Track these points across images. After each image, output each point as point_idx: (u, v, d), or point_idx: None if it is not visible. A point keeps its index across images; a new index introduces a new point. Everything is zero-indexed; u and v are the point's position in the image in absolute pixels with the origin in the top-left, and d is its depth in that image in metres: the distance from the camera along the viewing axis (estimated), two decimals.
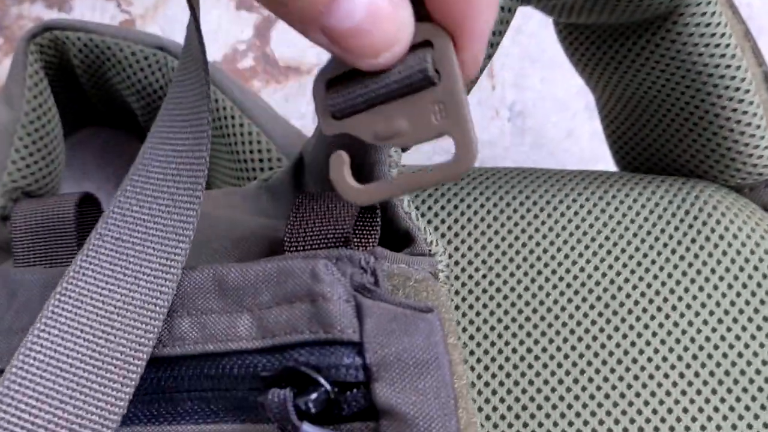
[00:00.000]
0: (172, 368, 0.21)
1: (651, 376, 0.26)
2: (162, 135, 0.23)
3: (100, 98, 0.37)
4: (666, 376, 0.26)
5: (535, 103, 0.43)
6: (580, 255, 0.28)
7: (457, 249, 0.28)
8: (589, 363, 0.26)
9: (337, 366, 0.19)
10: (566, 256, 0.28)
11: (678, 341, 0.27)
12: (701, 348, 0.26)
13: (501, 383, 0.26)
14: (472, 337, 0.27)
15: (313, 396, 0.18)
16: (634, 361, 0.26)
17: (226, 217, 0.26)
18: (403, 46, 0.18)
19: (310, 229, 0.23)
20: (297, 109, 0.42)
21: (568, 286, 0.28)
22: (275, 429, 0.20)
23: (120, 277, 0.21)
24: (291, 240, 0.23)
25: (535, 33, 0.45)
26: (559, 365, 0.26)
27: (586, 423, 0.25)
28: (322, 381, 0.18)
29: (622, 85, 0.31)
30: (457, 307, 0.28)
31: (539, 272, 0.28)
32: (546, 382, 0.26)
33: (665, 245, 0.28)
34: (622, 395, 0.26)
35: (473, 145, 0.18)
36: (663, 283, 0.28)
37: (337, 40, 0.18)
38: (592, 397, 0.26)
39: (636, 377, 0.26)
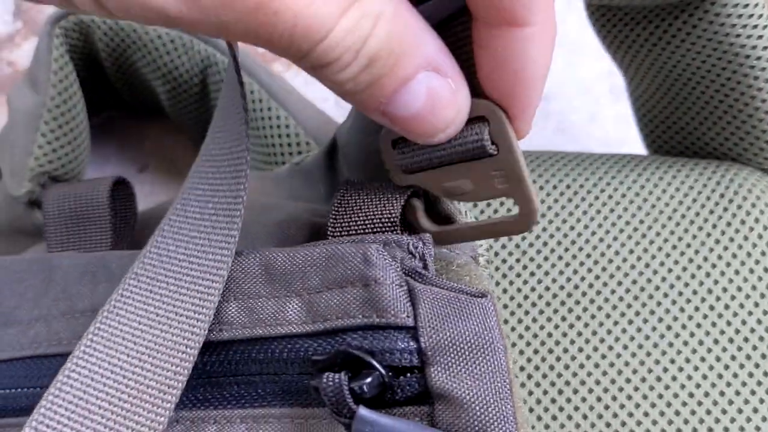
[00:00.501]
0: (219, 353, 0.21)
1: (687, 360, 0.26)
2: (201, 174, 0.23)
3: (125, 82, 0.37)
4: (702, 359, 0.26)
5: (559, 86, 0.43)
6: (615, 239, 0.28)
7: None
8: (625, 347, 0.26)
9: (391, 350, 0.19)
10: (601, 240, 0.28)
11: (714, 324, 0.27)
12: (737, 332, 0.26)
13: (536, 367, 0.26)
14: (506, 321, 0.27)
15: (368, 380, 0.18)
16: (670, 345, 0.26)
17: (260, 202, 0.26)
18: (459, 126, 0.20)
19: (355, 215, 0.22)
20: (319, 93, 0.41)
21: (603, 269, 0.28)
22: (325, 413, 0.20)
23: (153, 317, 0.21)
24: (335, 225, 0.22)
25: (559, 16, 0.44)
26: (595, 348, 0.26)
27: (614, 398, 0.25)
28: (377, 365, 0.18)
29: (655, 67, 0.31)
30: (496, 283, 0.28)
31: (574, 256, 0.28)
32: (582, 365, 0.26)
33: (700, 228, 0.28)
34: (659, 378, 0.26)
35: (536, 210, 0.20)
36: (698, 267, 0.28)
37: (397, 123, 0.19)
38: (628, 380, 0.26)
39: (672, 361, 0.26)
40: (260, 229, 0.25)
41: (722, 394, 0.25)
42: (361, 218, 0.22)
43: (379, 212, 0.22)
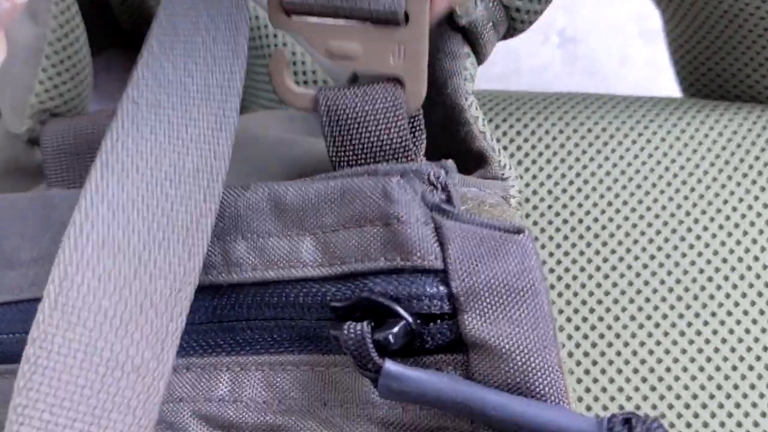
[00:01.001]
0: (229, 296, 0.19)
1: (729, 313, 0.24)
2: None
3: (131, 17, 0.35)
4: (745, 313, 0.24)
5: (588, 28, 0.41)
6: (654, 185, 0.26)
7: (527, 170, 0.26)
8: (663, 299, 0.24)
9: (419, 296, 0.17)
10: (638, 186, 0.26)
11: (758, 276, 0.25)
12: None
13: (576, 310, 0.24)
14: (543, 262, 0.25)
15: (394, 330, 0.16)
16: (711, 297, 0.24)
17: (275, 137, 0.24)
18: None
19: (357, 138, 0.20)
20: None
21: (641, 217, 0.26)
22: (348, 360, 0.18)
23: (165, 144, 0.18)
24: (338, 151, 0.20)
25: None
26: (630, 283, 0.24)
27: (650, 335, 0.24)
28: (403, 313, 0.17)
29: (699, 3, 0.29)
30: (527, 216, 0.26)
31: (609, 203, 0.26)
32: (616, 301, 0.24)
33: (745, 176, 0.26)
34: (698, 333, 0.24)
35: (422, 96, 0.19)
36: (743, 216, 0.26)
37: None
38: (666, 333, 0.24)
39: (713, 314, 0.24)
40: (275, 164, 0.24)
41: (766, 349, 0.24)
42: (365, 140, 0.20)
43: (385, 132, 0.20)
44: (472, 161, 0.22)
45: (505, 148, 0.26)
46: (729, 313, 0.24)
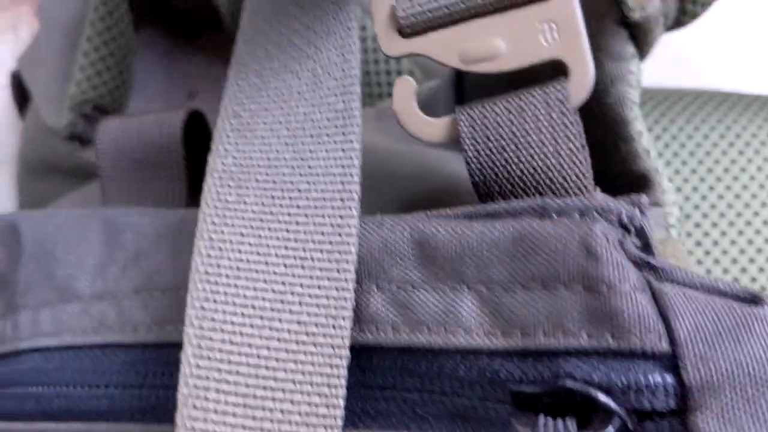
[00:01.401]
0: (359, 357, 0.16)
1: None
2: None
3: None
4: None
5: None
6: None
7: (677, 172, 0.23)
8: None
9: (637, 387, 0.13)
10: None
11: None
12: None
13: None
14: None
15: (607, 430, 0.13)
16: None
17: (384, 147, 0.21)
18: None
19: (516, 165, 0.16)
20: None
21: None
22: None
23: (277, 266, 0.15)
24: (488, 182, 0.16)
25: None
26: None
27: None
28: (618, 409, 0.13)
29: None
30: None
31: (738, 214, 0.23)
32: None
33: None
34: None
35: (591, 75, 0.16)
36: None
37: None
38: None
39: None
40: (382, 179, 0.20)
41: None
42: (529, 167, 0.16)
43: (557, 158, 0.16)
44: (632, 184, 0.19)
45: (660, 154, 0.23)
46: None
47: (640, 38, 0.18)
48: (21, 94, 0.31)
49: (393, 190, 0.19)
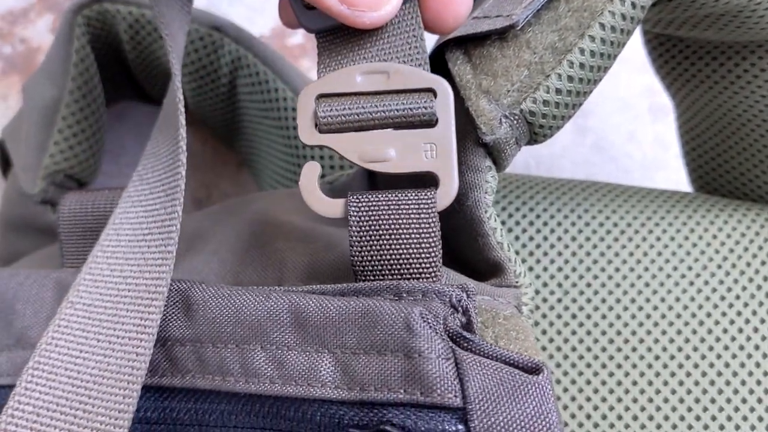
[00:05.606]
0: (244, 403, 0.20)
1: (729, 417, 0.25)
2: (133, 198, 0.23)
3: (147, 76, 0.35)
4: (745, 418, 0.25)
5: (597, 101, 0.41)
6: (661, 284, 0.27)
7: (538, 261, 0.26)
8: (674, 391, 0.25)
9: None
10: (647, 285, 0.27)
11: (759, 383, 0.25)
12: None
13: (580, 407, 0.25)
14: (551, 357, 0.25)
15: None
16: (712, 401, 0.25)
17: (299, 228, 0.25)
18: (398, 6, 0.21)
19: (386, 250, 0.20)
20: None
21: (648, 317, 0.26)
22: None
23: (93, 344, 0.20)
24: (363, 263, 0.20)
25: None
26: (642, 391, 0.25)
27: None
28: None
29: (713, 104, 0.29)
30: (536, 323, 0.26)
31: (618, 300, 0.26)
32: (627, 408, 0.25)
33: (751, 280, 0.27)
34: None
35: (455, 188, 0.20)
36: (747, 321, 0.26)
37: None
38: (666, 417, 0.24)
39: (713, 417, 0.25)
40: (297, 258, 0.24)
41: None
42: (392, 254, 0.20)
43: (414, 249, 0.20)
44: (488, 269, 0.23)
45: (516, 237, 0.27)
46: (729, 419, 0.25)
47: (495, 155, 0.22)
48: (5, 159, 0.36)
49: (301, 259, 0.24)
